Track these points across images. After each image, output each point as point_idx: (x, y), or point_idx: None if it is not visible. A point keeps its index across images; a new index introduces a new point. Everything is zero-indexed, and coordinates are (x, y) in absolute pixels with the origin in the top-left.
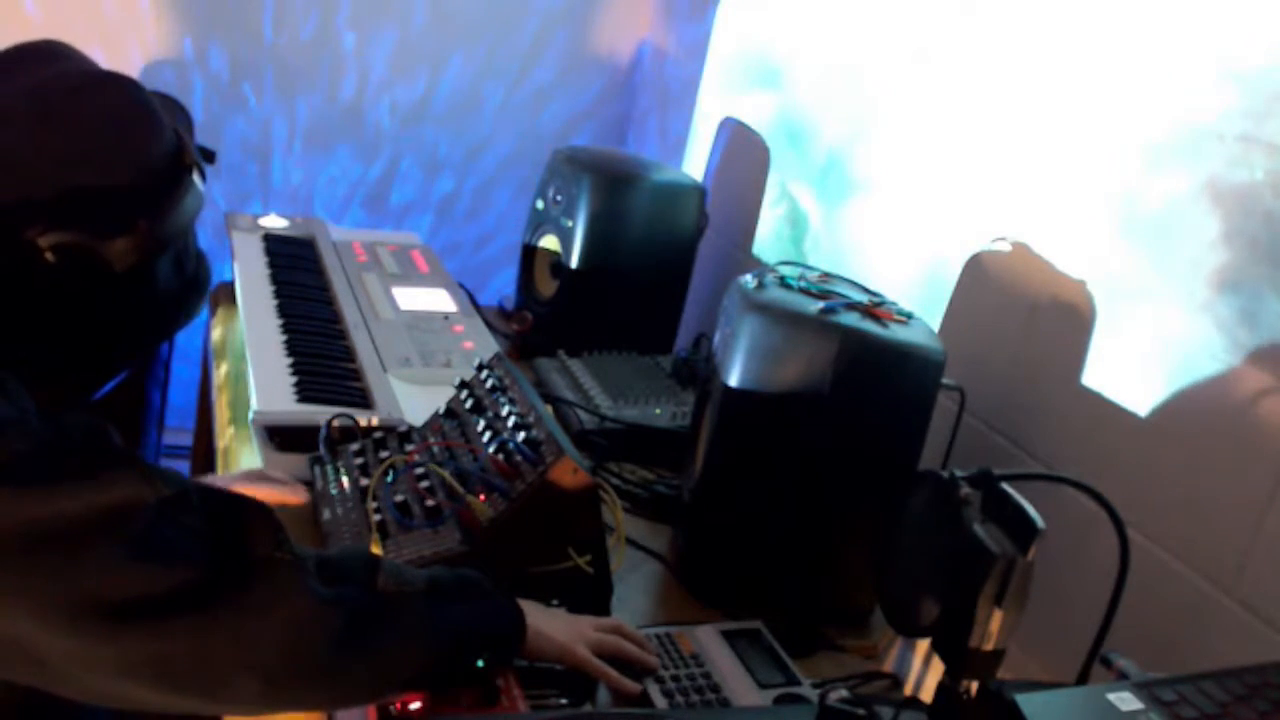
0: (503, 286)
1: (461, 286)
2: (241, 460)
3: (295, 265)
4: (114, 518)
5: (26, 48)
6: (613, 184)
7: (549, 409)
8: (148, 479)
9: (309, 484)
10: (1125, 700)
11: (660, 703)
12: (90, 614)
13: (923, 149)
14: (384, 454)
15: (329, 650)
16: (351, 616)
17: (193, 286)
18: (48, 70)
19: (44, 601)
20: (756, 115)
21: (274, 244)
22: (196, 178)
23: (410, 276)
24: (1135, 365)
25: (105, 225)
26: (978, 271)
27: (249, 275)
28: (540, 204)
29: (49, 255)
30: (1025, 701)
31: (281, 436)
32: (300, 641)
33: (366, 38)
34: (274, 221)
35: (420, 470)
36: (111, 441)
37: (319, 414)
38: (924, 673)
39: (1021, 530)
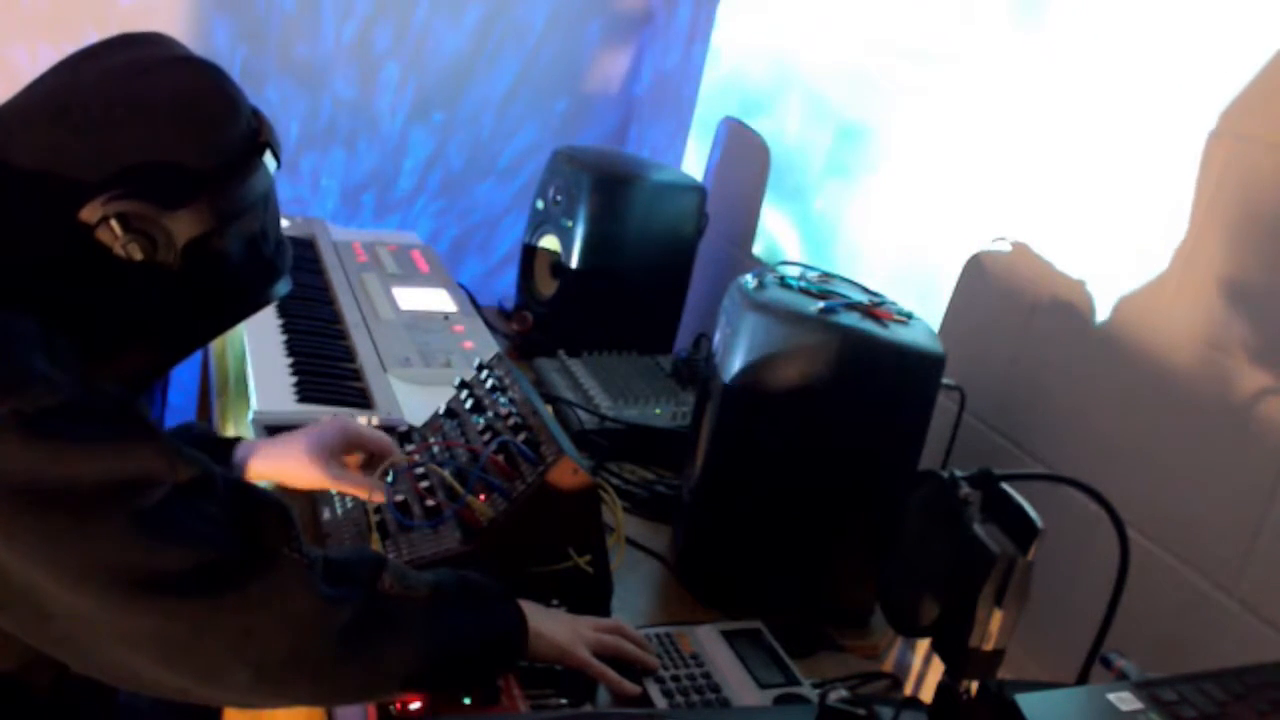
0: (503, 287)
1: (461, 286)
2: None
3: (295, 265)
4: (125, 489)
5: (127, 36)
6: (613, 184)
7: (549, 409)
8: (167, 458)
9: None
10: (1125, 700)
11: (660, 703)
12: (95, 576)
13: (923, 149)
14: None
15: (325, 650)
16: (351, 618)
17: (266, 271)
18: (131, 54)
19: (55, 556)
20: (756, 115)
21: None
22: (269, 160)
23: (410, 276)
24: (1135, 364)
25: (168, 197)
26: (978, 271)
27: None
28: (540, 204)
29: (114, 224)
30: (1025, 701)
31: None
32: (298, 639)
33: (366, 36)
34: None
35: (420, 470)
36: (138, 415)
37: (319, 414)
38: (924, 673)
39: (1021, 530)
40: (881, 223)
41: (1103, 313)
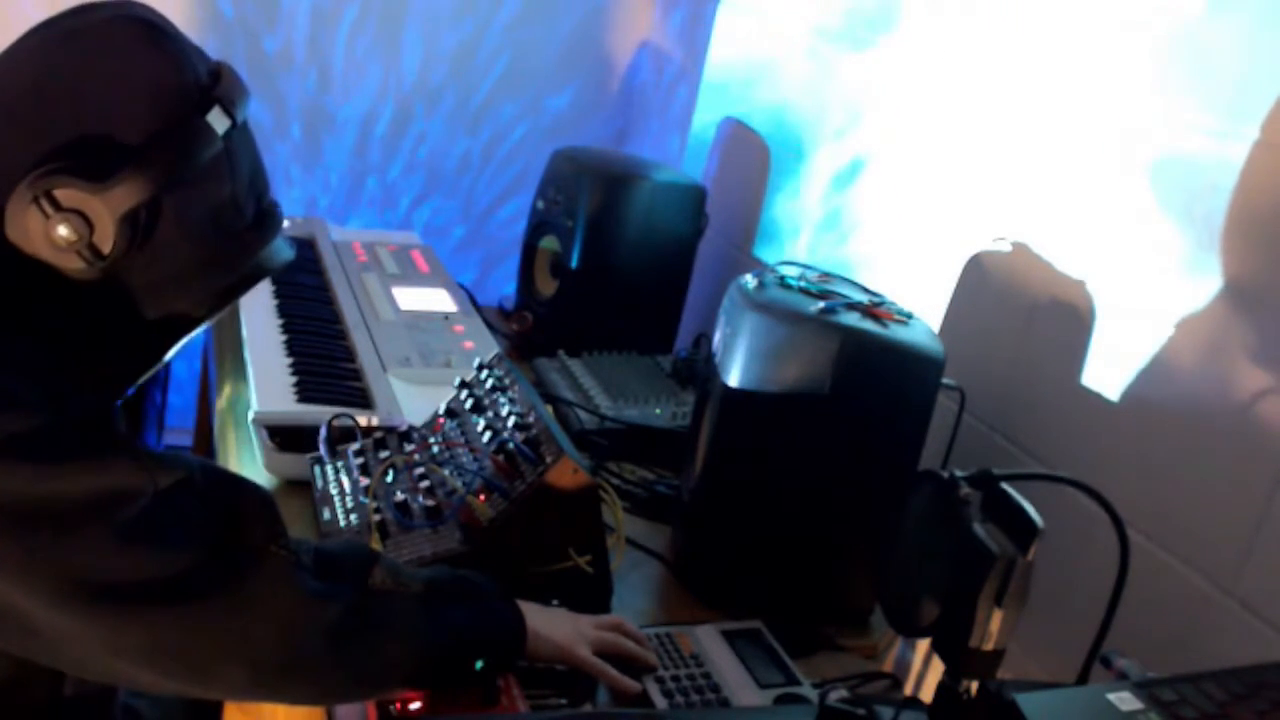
0: (503, 287)
1: (461, 286)
2: (242, 460)
3: (295, 265)
4: (106, 503)
5: (75, 8)
6: (613, 184)
7: (549, 409)
8: (145, 467)
9: (308, 483)
10: (1125, 700)
11: (660, 702)
12: (79, 594)
13: (923, 148)
14: (384, 454)
15: (318, 645)
16: (342, 613)
17: (239, 243)
18: (66, 23)
19: (34, 577)
20: (756, 115)
21: None
22: (215, 119)
23: (410, 276)
24: (1135, 365)
25: (95, 170)
26: (978, 271)
27: None
28: (540, 204)
29: (43, 204)
30: (1025, 701)
31: (281, 436)
32: (289, 636)
33: (366, 36)
34: None
35: (420, 470)
36: (114, 428)
37: (319, 414)
38: (924, 673)
39: (1021, 530)
40: (881, 223)
41: (1103, 313)
